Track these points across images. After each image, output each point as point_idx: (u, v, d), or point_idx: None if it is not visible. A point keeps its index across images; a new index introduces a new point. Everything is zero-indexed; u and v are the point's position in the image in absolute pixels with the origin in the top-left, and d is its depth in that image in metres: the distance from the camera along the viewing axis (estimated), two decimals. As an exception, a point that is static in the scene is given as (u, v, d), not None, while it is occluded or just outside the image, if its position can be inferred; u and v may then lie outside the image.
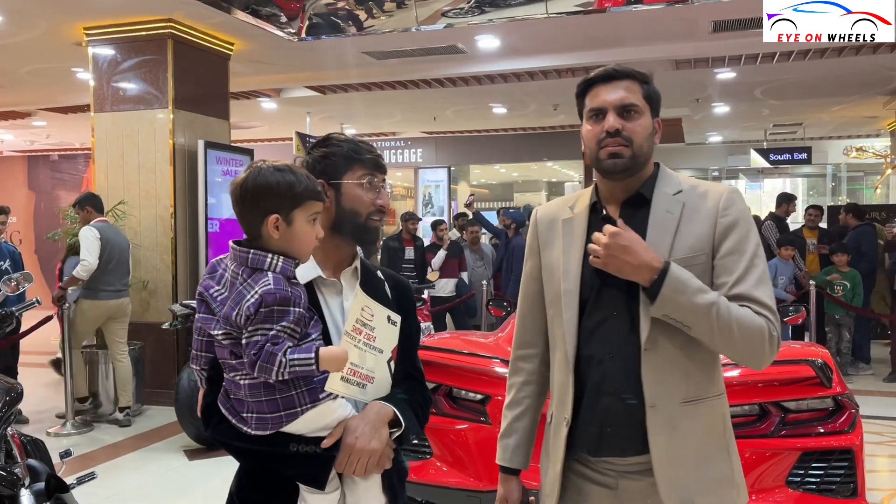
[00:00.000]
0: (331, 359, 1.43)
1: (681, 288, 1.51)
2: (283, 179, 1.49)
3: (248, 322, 1.41)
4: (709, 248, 1.59)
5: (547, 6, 6.25)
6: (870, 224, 8.12)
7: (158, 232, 6.52)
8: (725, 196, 1.62)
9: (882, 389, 6.97)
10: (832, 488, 2.68)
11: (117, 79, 6.65)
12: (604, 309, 1.64)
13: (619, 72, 1.66)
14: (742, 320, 1.50)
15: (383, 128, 14.04)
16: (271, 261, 1.47)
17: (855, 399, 2.91)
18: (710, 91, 10.12)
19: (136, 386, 6.17)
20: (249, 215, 1.51)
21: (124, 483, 4.61)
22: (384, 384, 1.62)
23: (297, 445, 1.50)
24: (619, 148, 1.62)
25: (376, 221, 1.67)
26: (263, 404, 1.45)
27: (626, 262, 1.53)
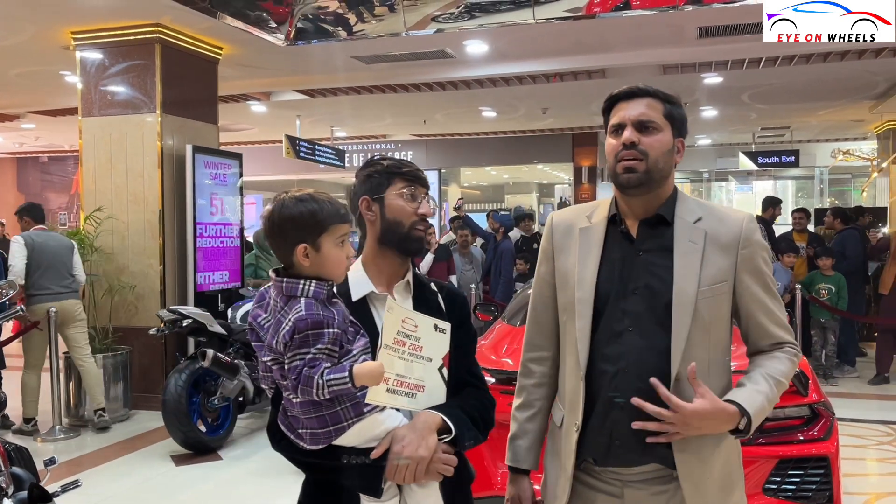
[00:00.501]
0: (365, 374, 1.49)
1: (760, 415, 1.59)
2: (306, 209, 1.58)
3: (287, 349, 1.50)
4: (731, 277, 1.67)
5: (534, 12, 6.29)
6: (855, 228, 8.19)
7: (146, 236, 6.52)
8: (745, 226, 1.70)
9: (866, 392, 7.03)
10: (808, 496, 2.72)
11: (105, 83, 6.65)
12: (619, 322, 1.67)
13: (641, 90, 1.71)
14: (788, 375, 1.68)
15: (373, 131, 14.05)
16: (303, 286, 1.55)
17: (832, 406, 2.95)
18: (697, 95, 10.19)
19: (123, 391, 6.17)
20: (280, 247, 1.60)
21: (110, 489, 4.61)
22: (437, 392, 1.67)
23: (349, 457, 1.59)
24: (634, 162, 1.65)
25: (420, 231, 1.74)
26: (314, 421, 1.55)
27: (706, 427, 1.58)
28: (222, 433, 5.40)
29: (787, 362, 1.68)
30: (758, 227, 1.72)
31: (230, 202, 7.20)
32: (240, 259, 7.34)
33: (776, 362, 1.66)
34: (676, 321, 1.61)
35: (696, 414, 1.53)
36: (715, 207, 1.74)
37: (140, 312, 6.49)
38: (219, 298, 6.89)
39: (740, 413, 1.55)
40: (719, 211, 1.73)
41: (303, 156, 10.92)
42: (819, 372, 7.29)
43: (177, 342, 6.39)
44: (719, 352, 1.68)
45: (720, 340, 1.68)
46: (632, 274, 1.68)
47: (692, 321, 1.61)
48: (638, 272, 1.68)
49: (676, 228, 1.68)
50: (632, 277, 1.68)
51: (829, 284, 7.27)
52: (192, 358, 5.26)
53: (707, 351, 1.64)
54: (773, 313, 1.70)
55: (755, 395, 1.59)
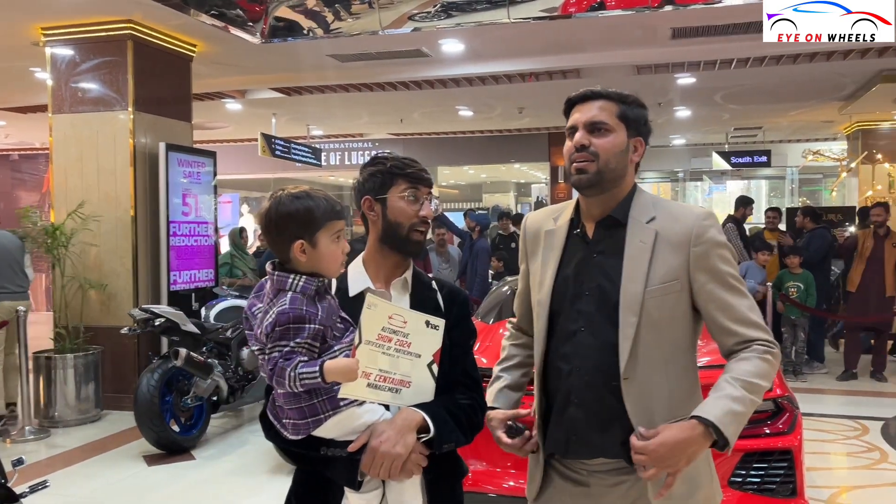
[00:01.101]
0: (336, 371, 1.51)
1: (731, 420, 1.54)
2: (302, 206, 1.62)
3: (268, 339, 1.55)
4: (683, 276, 1.66)
5: (509, 12, 6.32)
6: (825, 227, 8.33)
7: (118, 235, 6.45)
8: (698, 225, 1.68)
9: (835, 388, 7.16)
10: (772, 488, 2.77)
11: (76, 80, 6.57)
12: (573, 322, 1.71)
13: (595, 93, 1.75)
14: (761, 374, 1.60)
15: (350, 129, 14.02)
16: (293, 281, 1.59)
17: (796, 400, 3.00)
18: (671, 95, 10.29)
19: (94, 391, 6.11)
20: (277, 243, 1.64)
21: (80, 490, 4.56)
22: (425, 388, 1.67)
23: (328, 449, 1.62)
24: (585, 163, 1.69)
25: (419, 234, 1.75)
26: (294, 412, 1.58)
27: (684, 457, 1.54)
28: (195, 433, 5.36)
29: (756, 361, 1.62)
30: (714, 224, 1.70)
31: (204, 201, 7.15)
32: (214, 258, 7.29)
33: (743, 363, 1.62)
34: (623, 321, 1.64)
35: (661, 446, 1.52)
36: (672, 206, 1.75)
37: (112, 312, 6.42)
38: (193, 297, 6.84)
39: (704, 424, 1.53)
40: (676, 210, 1.73)
41: (279, 154, 10.86)
42: (789, 368, 7.41)
43: (149, 342, 6.33)
44: (677, 351, 1.69)
45: (676, 339, 1.69)
46: (585, 275, 1.72)
47: (640, 320, 1.63)
48: (591, 274, 1.71)
49: (628, 229, 1.71)
50: (585, 279, 1.72)
51: (798, 282, 7.39)
52: (164, 357, 5.22)
53: (660, 350, 1.66)
54: (735, 310, 1.65)
55: (716, 403, 1.56)
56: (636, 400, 1.64)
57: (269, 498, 4.38)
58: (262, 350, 1.58)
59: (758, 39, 7.16)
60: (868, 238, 7.48)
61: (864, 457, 5.03)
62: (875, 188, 11.79)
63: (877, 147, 11.77)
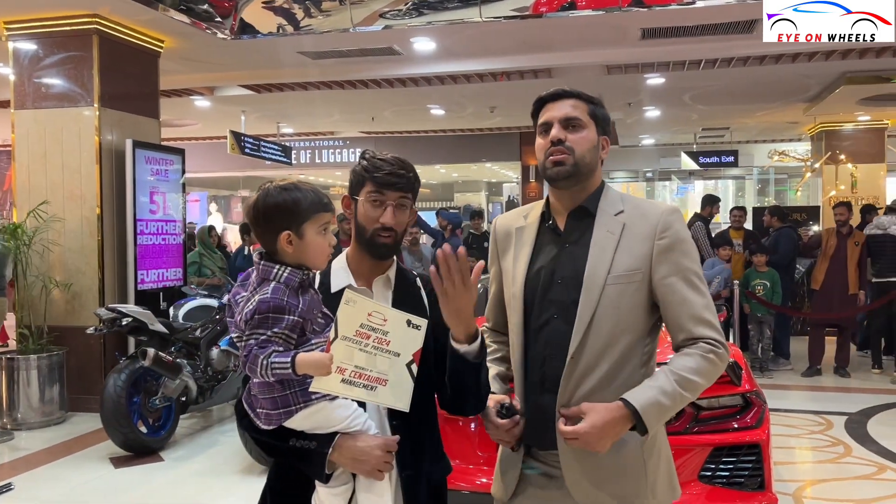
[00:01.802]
0: (307, 363, 1.52)
1: (655, 411, 1.62)
2: (289, 197, 1.64)
3: (247, 326, 1.56)
4: (645, 267, 1.71)
5: (481, 10, 6.33)
6: (790, 226, 8.49)
7: (84, 234, 6.33)
8: (663, 219, 1.74)
9: (800, 384, 7.30)
10: (741, 481, 2.81)
11: (39, 75, 6.43)
12: (546, 312, 1.76)
13: (566, 91, 1.82)
14: (700, 372, 1.65)
15: (320, 127, 13.93)
16: (277, 271, 1.61)
17: (764, 395, 3.05)
18: (641, 95, 10.40)
19: (59, 392, 5.99)
20: (264, 234, 1.66)
21: (45, 493, 4.47)
22: (402, 387, 1.65)
23: (298, 441, 1.63)
24: (562, 157, 1.75)
25: (384, 238, 1.72)
26: (267, 402, 1.60)
27: (609, 438, 1.63)
28: (164, 434, 5.28)
29: (697, 358, 1.65)
30: (679, 219, 1.76)
31: (172, 199, 7.04)
32: (182, 257, 7.19)
33: (685, 358, 1.66)
34: (582, 303, 1.70)
35: (591, 429, 1.61)
36: (639, 201, 1.82)
37: (77, 312, 6.30)
38: (161, 297, 6.74)
39: (628, 408, 1.61)
40: (643, 204, 1.80)
41: (248, 152, 10.76)
42: (755, 365, 7.53)
43: (116, 342, 6.23)
44: (631, 339, 1.72)
45: (631, 328, 1.72)
46: (558, 265, 1.77)
47: (600, 305, 1.69)
48: (563, 263, 1.77)
49: (597, 219, 1.77)
50: (558, 268, 1.77)
51: (764, 280, 7.52)
52: (132, 357, 5.13)
53: (612, 336, 1.70)
54: (690, 306, 1.68)
55: (645, 390, 1.63)
56: (572, 378, 1.69)
57: (239, 499, 4.33)
58: (240, 337, 1.59)
59: (726, 41, 7.32)
60: (831, 237, 7.63)
61: (828, 451, 5.14)
62: (838, 188, 12.04)
63: (840, 148, 12.02)
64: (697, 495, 2.75)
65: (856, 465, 4.85)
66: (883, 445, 5.19)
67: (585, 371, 1.69)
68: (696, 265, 1.74)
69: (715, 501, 2.75)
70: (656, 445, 1.75)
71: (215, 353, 5.70)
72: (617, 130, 13.58)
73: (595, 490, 1.70)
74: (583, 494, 1.72)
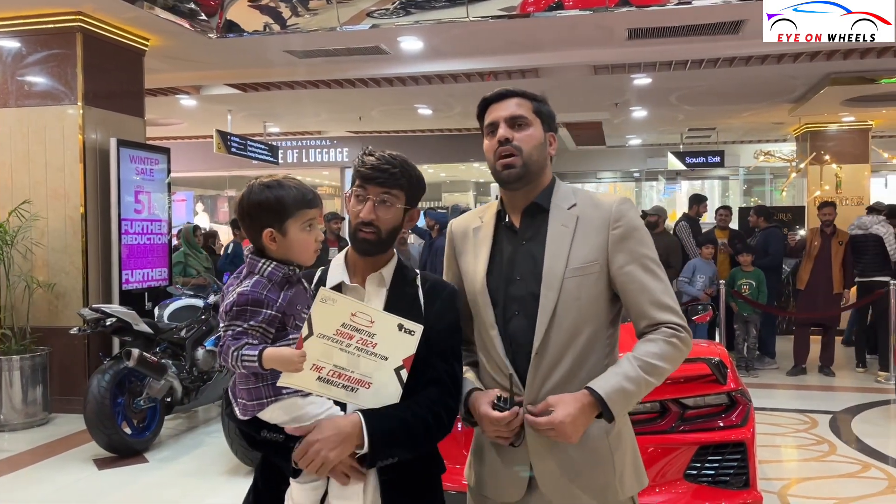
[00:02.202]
0: (274, 359, 1.52)
1: (620, 397, 1.64)
2: (272, 195, 1.65)
3: (227, 317, 1.59)
4: (602, 258, 1.73)
5: (468, 10, 6.33)
6: (777, 226, 8.54)
7: (68, 233, 6.27)
8: (615, 208, 1.75)
9: (785, 382, 7.34)
10: (726, 480, 2.82)
11: (22, 73, 6.36)
12: (509, 308, 1.76)
13: (509, 91, 1.83)
14: (664, 357, 1.67)
15: (308, 126, 13.88)
16: (261, 265, 1.64)
17: (749, 394, 3.07)
18: (628, 96, 10.43)
19: (42, 394, 5.93)
20: (250, 231, 1.69)
21: (27, 495, 4.42)
22: (388, 391, 1.62)
23: (268, 433, 1.64)
24: (511, 158, 1.76)
25: (365, 233, 1.71)
26: (243, 392, 1.62)
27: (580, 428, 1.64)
28: (148, 435, 5.24)
29: (661, 343, 1.67)
30: (632, 208, 1.78)
31: (158, 198, 6.99)
32: (167, 257, 7.14)
33: (648, 344, 1.68)
34: (543, 298, 1.71)
35: (566, 418, 1.61)
36: (591, 194, 1.84)
37: (60, 312, 6.24)
38: (146, 297, 6.69)
39: (593, 396, 1.62)
40: (595, 198, 1.82)
41: (234, 151, 10.70)
42: (741, 364, 7.58)
43: (99, 343, 6.17)
44: (597, 328, 1.74)
45: (593, 319, 1.73)
46: (516, 263, 1.79)
47: (560, 299, 1.70)
48: (521, 260, 1.78)
49: (551, 214, 1.79)
50: (516, 266, 1.78)
51: (750, 280, 7.56)
52: (116, 358, 5.09)
53: (575, 329, 1.71)
54: (650, 292, 1.70)
55: (610, 377, 1.65)
56: (538, 374, 1.70)
57: (225, 500, 4.31)
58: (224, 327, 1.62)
59: (712, 41, 7.35)
60: (816, 237, 7.68)
61: (813, 449, 5.17)
62: (823, 188, 12.13)
63: (825, 148, 12.11)
64: (683, 494, 2.76)
65: (840, 463, 4.89)
66: (867, 444, 5.23)
67: (551, 365, 1.70)
68: (652, 251, 1.75)
69: (700, 500, 2.76)
70: (622, 437, 1.76)
71: (201, 353, 5.66)
72: (604, 130, 13.62)
73: (566, 484, 1.71)
74: (553, 489, 1.72)
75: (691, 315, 4.86)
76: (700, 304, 5.27)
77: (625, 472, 1.75)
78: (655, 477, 2.76)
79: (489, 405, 1.69)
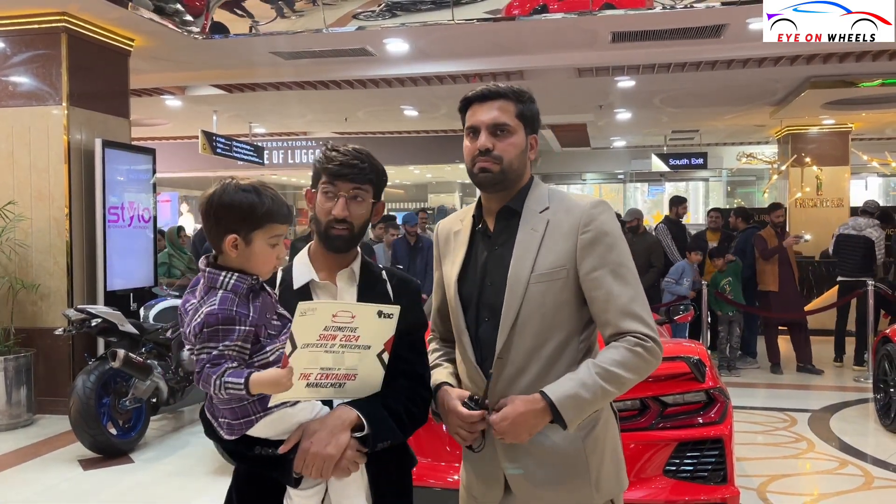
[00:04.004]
0: (263, 383, 1.46)
1: (572, 403, 1.59)
2: (246, 200, 1.55)
3: (197, 340, 1.49)
4: (570, 263, 1.68)
5: (454, 12, 6.38)
6: (755, 227, 8.64)
7: (52, 234, 6.25)
8: (586, 213, 1.70)
9: (768, 382, 7.44)
10: (704, 475, 2.89)
11: (6, 73, 6.34)
12: (480, 314, 1.75)
13: (493, 91, 1.75)
14: (625, 365, 1.61)
15: (293, 127, 13.87)
16: (223, 279, 1.53)
17: (727, 391, 3.13)
18: (612, 98, 10.52)
19: (26, 395, 5.90)
20: (212, 231, 1.58)
21: (13, 496, 4.41)
22: (372, 378, 1.63)
23: (262, 448, 1.59)
24: (489, 164, 1.72)
25: (338, 230, 1.69)
26: (227, 412, 1.55)
27: (524, 430, 1.62)
28: (134, 435, 5.24)
29: (622, 351, 1.62)
30: (605, 212, 1.72)
31: (142, 199, 6.98)
32: (153, 258, 7.13)
33: (609, 351, 1.63)
34: (506, 303, 1.68)
35: (503, 418, 1.62)
36: (566, 197, 1.78)
37: (45, 313, 6.22)
38: (131, 298, 6.68)
39: (545, 401, 1.60)
40: (569, 201, 1.76)
41: (220, 152, 10.70)
42: (723, 364, 7.67)
43: (85, 343, 6.16)
44: (560, 336, 1.70)
45: (559, 325, 1.69)
46: (488, 268, 1.76)
47: (524, 305, 1.67)
48: (492, 265, 1.75)
49: (522, 218, 1.75)
50: (488, 271, 1.76)
51: (729, 276, 7.66)
52: (102, 358, 5.09)
53: (540, 334, 1.68)
54: (617, 300, 1.64)
55: (564, 383, 1.61)
56: (502, 380, 1.69)
57: (211, 500, 4.32)
58: (191, 350, 1.53)
59: (694, 45, 7.45)
60: (772, 239, 7.78)
61: (792, 447, 5.26)
62: (804, 190, 12.29)
63: (805, 150, 12.28)
64: (662, 489, 2.82)
65: (818, 460, 4.98)
66: (845, 441, 5.33)
67: (516, 372, 1.68)
68: (624, 257, 1.69)
69: (679, 495, 2.82)
70: (599, 441, 1.72)
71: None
72: (588, 132, 13.71)
73: (538, 488, 1.70)
74: (526, 492, 1.71)
75: (673, 315, 4.94)
76: (682, 305, 5.33)
77: (601, 476, 1.71)
78: (636, 473, 2.82)
79: (459, 401, 1.70)
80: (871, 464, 4.86)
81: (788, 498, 4.24)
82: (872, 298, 7.36)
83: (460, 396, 1.71)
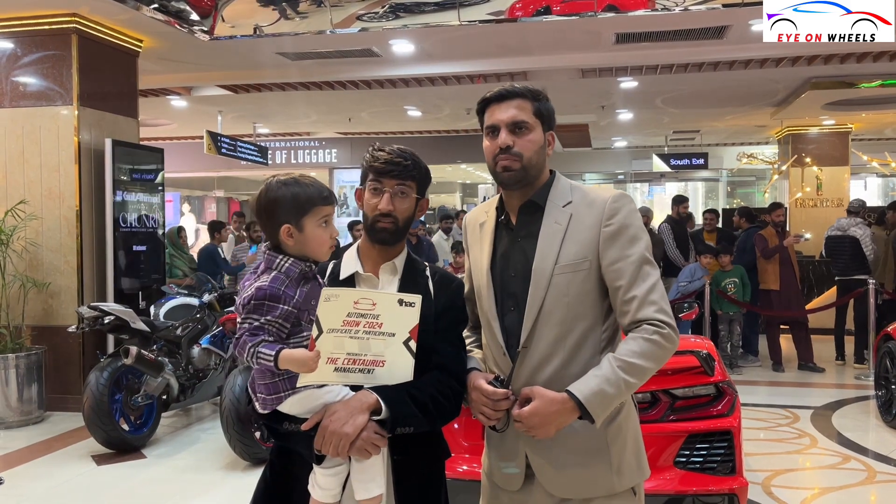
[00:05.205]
0: (290, 360, 1.58)
1: (599, 400, 1.64)
2: (289, 192, 1.71)
3: (244, 311, 1.64)
4: (593, 255, 1.74)
5: (459, 14, 6.44)
6: (757, 227, 8.71)
7: (63, 233, 6.32)
8: (609, 206, 1.76)
9: (770, 379, 7.51)
10: (714, 466, 2.95)
11: (17, 73, 6.40)
12: (506, 304, 1.82)
13: (510, 91, 1.82)
14: (645, 355, 1.66)
15: (298, 128, 13.94)
16: (279, 261, 1.70)
17: (734, 385, 3.20)
18: (614, 99, 10.59)
19: (38, 392, 5.97)
20: (267, 227, 1.74)
21: (28, 490, 4.47)
22: (402, 364, 1.68)
23: (290, 424, 1.70)
24: (510, 162, 1.78)
25: (383, 223, 1.80)
26: (262, 387, 1.67)
27: (550, 425, 1.67)
28: (146, 431, 5.30)
29: (640, 342, 1.66)
30: (626, 205, 1.77)
31: (151, 198, 7.05)
32: (161, 256, 7.19)
33: (630, 343, 1.68)
34: (531, 295, 1.75)
35: (532, 414, 1.67)
36: (588, 190, 1.84)
37: (56, 311, 6.29)
38: (140, 296, 6.74)
39: (573, 400, 1.64)
40: (590, 194, 1.82)
41: (224, 152, 10.75)
42: (726, 362, 7.74)
43: (95, 341, 6.22)
44: (590, 325, 1.76)
45: (588, 314, 1.76)
46: (512, 259, 1.83)
47: (548, 296, 1.74)
48: (516, 257, 1.82)
49: (546, 212, 1.81)
50: (511, 262, 1.83)
51: (733, 278, 7.73)
52: (114, 355, 5.15)
53: (563, 324, 1.74)
54: (636, 289, 1.69)
55: (589, 380, 1.66)
56: (526, 369, 1.75)
57: (222, 495, 4.38)
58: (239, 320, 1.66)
59: (697, 46, 7.52)
60: (773, 238, 7.85)
61: (795, 443, 5.33)
62: (804, 190, 12.37)
63: (806, 151, 12.36)
64: (672, 479, 2.89)
65: (821, 455, 5.05)
66: (846, 437, 5.40)
67: (541, 361, 1.74)
68: (645, 250, 1.74)
69: (689, 485, 2.89)
70: (622, 430, 1.77)
71: (196, 351, 5.73)
72: (590, 133, 13.78)
73: (561, 475, 1.75)
74: (549, 480, 1.77)
75: (678, 312, 5.01)
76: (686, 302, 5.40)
77: (623, 463, 1.76)
78: (646, 464, 2.89)
79: (485, 380, 1.76)
80: (873, 459, 4.93)
81: (793, 492, 4.31)
82: (873, 297, 7.43)
83: (485, 377, 1.78)
